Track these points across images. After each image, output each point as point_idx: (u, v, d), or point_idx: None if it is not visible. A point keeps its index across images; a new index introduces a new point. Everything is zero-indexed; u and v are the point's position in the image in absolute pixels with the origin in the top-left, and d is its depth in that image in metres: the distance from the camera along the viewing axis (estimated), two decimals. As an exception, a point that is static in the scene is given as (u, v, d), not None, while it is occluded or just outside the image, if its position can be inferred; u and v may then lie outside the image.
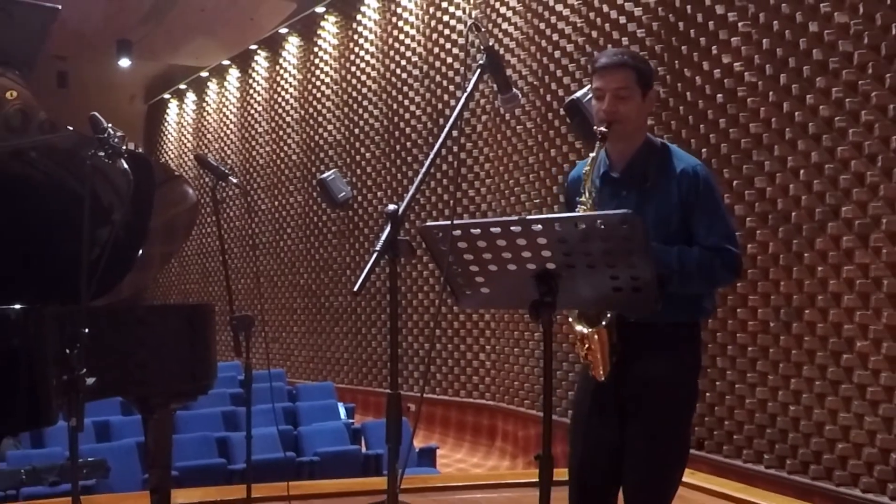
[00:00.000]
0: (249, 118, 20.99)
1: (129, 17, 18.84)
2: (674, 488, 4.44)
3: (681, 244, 4.18)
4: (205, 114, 23.29)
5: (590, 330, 4.18)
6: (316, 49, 18.37)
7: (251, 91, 20.97)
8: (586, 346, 4.27)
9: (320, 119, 18.25)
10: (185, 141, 24.31)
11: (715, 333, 8.97)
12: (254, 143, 20.73)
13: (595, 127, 4.29)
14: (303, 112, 18.89)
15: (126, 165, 5.35)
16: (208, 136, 22.96)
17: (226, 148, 21.98)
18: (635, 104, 4.25)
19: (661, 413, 4.31)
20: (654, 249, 3.68)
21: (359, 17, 17.03)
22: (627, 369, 4.25)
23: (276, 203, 19.75)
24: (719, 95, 8.81)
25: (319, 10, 17.98)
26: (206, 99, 23.23)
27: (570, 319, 4.23)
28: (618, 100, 4.20)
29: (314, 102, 18.46)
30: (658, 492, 4.40)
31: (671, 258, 4.07)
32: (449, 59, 14.66)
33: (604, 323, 4.12)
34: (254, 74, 20.86)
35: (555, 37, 11.66)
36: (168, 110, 25.45)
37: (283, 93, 19.65)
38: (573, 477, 4.02)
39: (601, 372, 4.25)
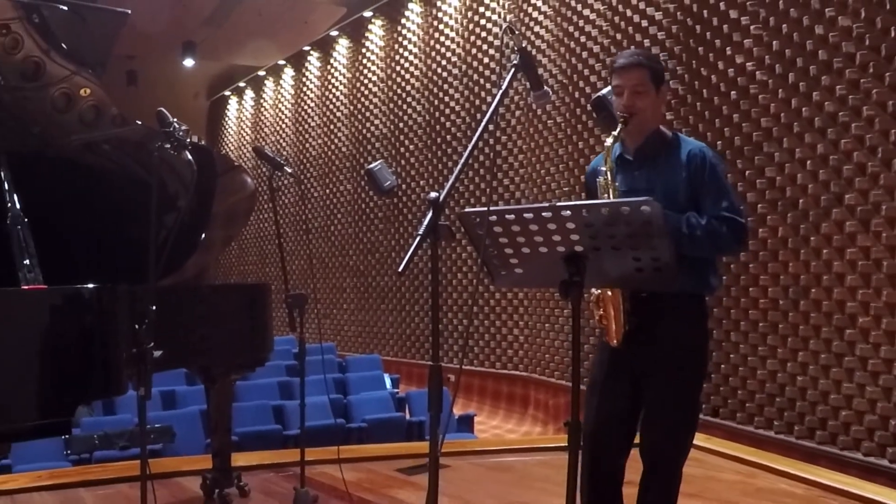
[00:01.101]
0: (303, 113, 20.95)
1: (193, 20, 18.81)
2: (686, 449, 4.50)
3: None
4: (262, 109, 23.26)
5: (601, 290, 4.27)
6: (364, 50, 18.31)
7: (304, 88, 20.91)
8: (601, 310, 4.35)
9: (367, 114, 18.18)
10: (244, 134, 24.26)
11: (729, 310, 8.95)
12: (307, 136, 20.69)
13: (618, 117, 4.36)
14: (351, 107, 18.83)
15: (190, 157, 5.42)
16: (265, 129, 22.91)
17: (281, 141, 21.94)
18: (650, 99, 4.35)
19: (672, 379, 4.34)
20: (666, 216, 3.61)
21: (403, 20, 16.96)
22: (640, 338, 4.29)
23: (328, 191, 19.72)
24: (733, 92, 8.76)
25: (367, 14, 17.90)
26: (264, 96, 23.21)
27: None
28: (635, 95, 4.30)
29: (362, 99, 18.40)
30: (671, 453, 4.45)
31: (680, 222, 4.11)
32: (485, 60, 14.64)
33: None
34: (307, 73, 20.80)
35: (582, 39, 11.67)
36: (228, 106, 25.39)
37: (333, 90, 19.59)
38: (587, 440, 4.00)
39: (615, 336, 4.30)
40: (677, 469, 4.50)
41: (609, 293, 4.28)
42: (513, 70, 4.00)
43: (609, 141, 4.27)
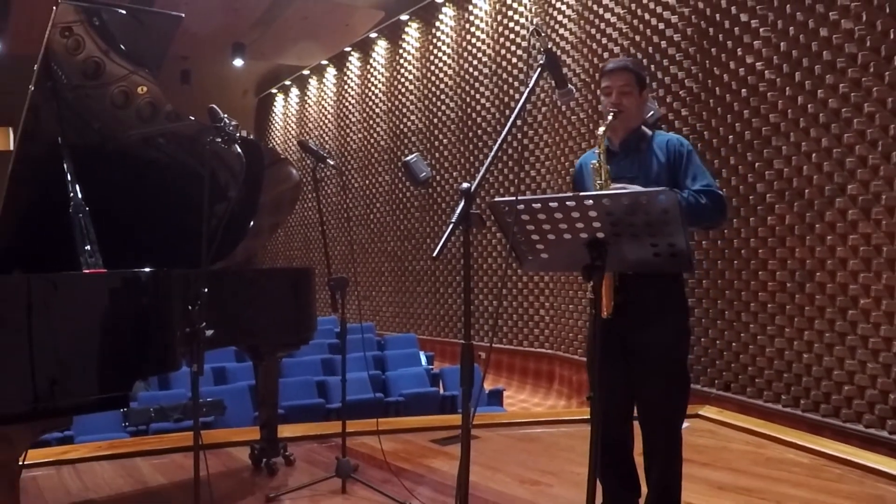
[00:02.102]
0: (344, 109, 20.91)
1: (242, 23, 18.77)
2: (681, 410, 4.65)
3: None
4: (306, 106, 23.24)
5: None
6: (401, 51, 18.27)
7: (345, 87, 20.88)
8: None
9: (404, 110, 18.13)
10: (290, 129, 24.24)
11: (740, 293, 8.93)
12: (348, 130, 20.66)
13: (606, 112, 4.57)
14: (389, 104, 18.80)
15: (239, 150, 5.47)
16: (309, 124, 22.88)
17: (324, 135, 21.90)
18: (634, 98, 4.59)
19: (659, 347, 4.49)
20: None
21: (437, 23, 16.88)
22: (627, 310, 4.39)
23: (367, 182, 19.69)
24: (743, 90, 8.73)
25: (404, 17, 17.83)
26: (308, 93, 23.20)
27: None
28: (621, 95, 4.54)
29: (399, 96, 18.35)
30: (667, 414, 4.59)
31: None
32: (513, 60, 14.51)
33: None
34: (348, 72, 20.75)
35: (603, 41, 11.60)
36: (275, 103, 25.38)
37: (372, 88, 19.55)
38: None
39: (605, 308, 4.34)
40: (676, 432, 4.60)
41: None
42: (539, 69, 4.07)
43: (601, 130, 4.41)
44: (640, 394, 4.60)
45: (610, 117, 4.52)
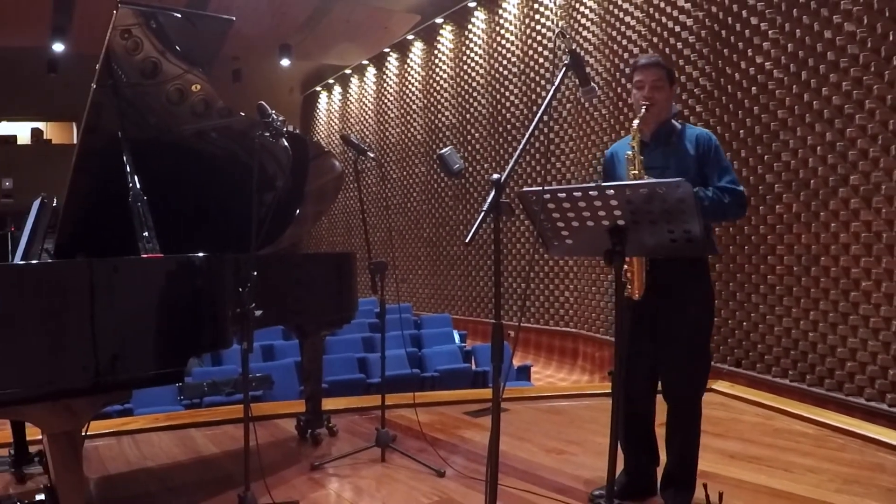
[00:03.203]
0: (383, 106, 20.92)
1: (289, 26, 18.81)
2: (702, 386, 4.65)
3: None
4: (348, 103, 23.26)
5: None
6: (436, 52, 18.26)
7: (384, 85, 20.89)
8: (626, 267, 4.44)
9: (439, 107, 18.15)
10: (333, 124, 24.27)
11: (750, 276, 8.90)
12: (387, 125, 20.68)
13: (640, 106, 4.58)
14: (425, 101, 18.79)
15: (286, 143, 5.46)
16: (350, 120, 22.91)
17: (364, 129, 21.92)
18: (665, 93, 4.59)
19: (685, 328, 4.51)
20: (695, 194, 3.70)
21: (469, 26, 16.86)
22: (656, 296, 4.45)
23: (404, 173, 19.71)
24: (753, 88, 8.71)
25: (438, 20, 17.83)
26: (349, 91, 23.22)
27: None
28: (654, 89, 4.55)
29: (434, 94, 18.35)
30: (689, 391, 4.61)
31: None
32: (540, 60, 14.50)
33: None
34: (387, 72, 20.78)
35: (624, 42, 11.61)
36: (319, 100, 25.42)
37: (409, 86, 19.57)
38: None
39: (637, 290, 4.46)
40: (696, 406, 4.62)
41: (635, 260, 4.45)
42: (564, 69, 4.06)
43: (636, 123, 4.43)
44: (666, 371, 4.63)
45: (643, 110, 4.54)
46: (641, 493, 4.86)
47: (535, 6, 14.63)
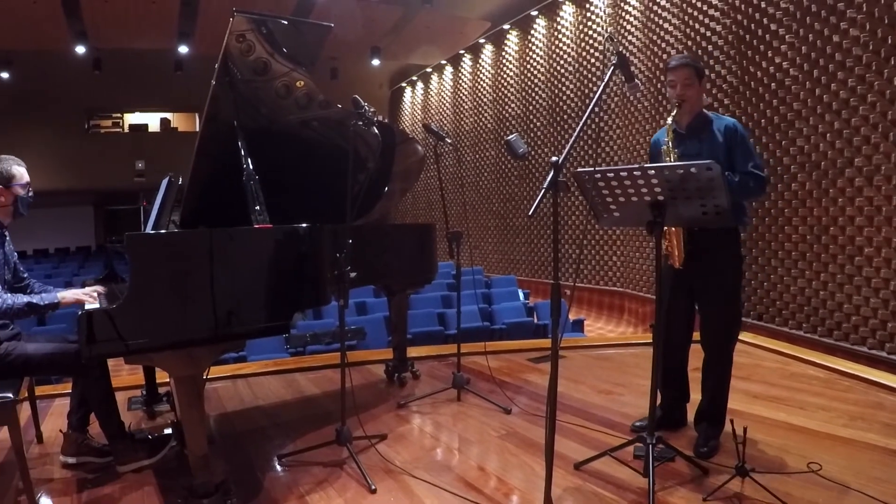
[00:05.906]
0: (459, 99, 20.81)
1: (379, 30, 18.87)
2: (734, 338, 4.63)
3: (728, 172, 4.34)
4: (429, 97, 23.19)
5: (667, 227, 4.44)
6: (503, 53, 18.17)
7: (460, 81, 20.77)
8: (666, 239, 4.52)
9: (506, 99, 18.01)
10: (416, 114, 24.22)
11: (770, 243, 8.96)
12: (462, 116, 20.57)
13: (674, 103, 4.53)
14: (494, 95, 18.66)
15: (377, 131, 5.42)
16: (431, 111, 22.83)
17: (443, 119, 21.81)
18: (695, 89, 4.52)
19: (719, 289, 4.49)
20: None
21: (532, 31, 16.73)
22: (695, 260, 4.47)
23: (477, 156, 19.63)
24: (773, 84, 8.72)
25: (506, 27, 17.68)
26: (430, 87, 23.15)
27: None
28: (685, 87, 4.49)
29: (502, 88, 18.23)
30: (723, 342, 4.59)
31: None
32: (592, 60, 14.38)
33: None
34: (461, 70, 20.66)
35: (662, 45, 11.59)
36: (404, 94, 25.36)
37: (481, 82, 19.45)
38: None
39: (677, 259, 4.49)
40: (729, 354, 4.63)
41: (673, 229, 4.47)
42: (612, 68, 4.10)
43: (669, 119, 4.43)
44: (703, 324, 4.62)
45: (678, 108, 4.50)
46: (674, 425, 4.99)
47: (588, 14, 14.51)
